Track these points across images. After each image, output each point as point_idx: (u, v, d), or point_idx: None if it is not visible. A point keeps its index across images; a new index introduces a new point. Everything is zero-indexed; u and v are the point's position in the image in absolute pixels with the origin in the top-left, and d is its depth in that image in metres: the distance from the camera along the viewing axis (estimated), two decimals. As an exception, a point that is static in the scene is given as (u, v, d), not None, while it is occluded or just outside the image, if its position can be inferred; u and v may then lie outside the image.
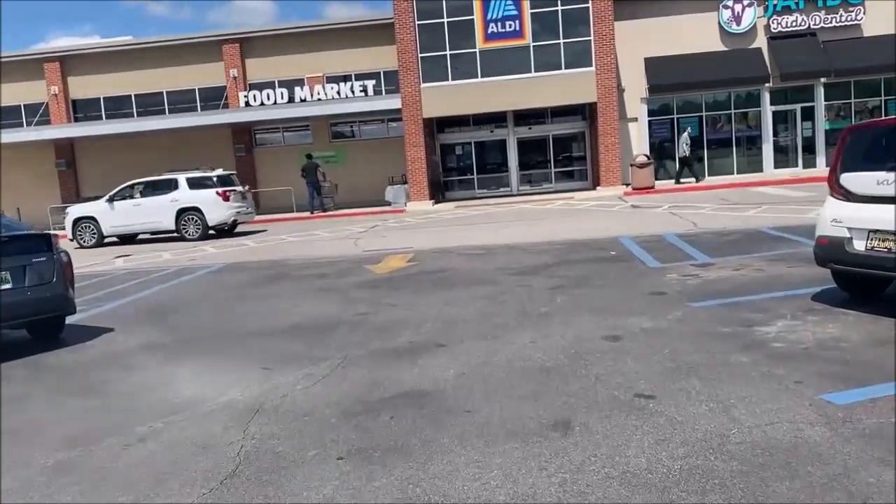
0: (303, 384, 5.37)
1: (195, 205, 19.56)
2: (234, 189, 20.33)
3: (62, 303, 7.46)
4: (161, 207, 19.67)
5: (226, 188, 19.92)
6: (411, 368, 5.57)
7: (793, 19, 24.98)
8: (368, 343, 6.50)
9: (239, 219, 20.72)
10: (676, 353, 5.45)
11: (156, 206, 19.73)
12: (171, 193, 19.78)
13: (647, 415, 4.23)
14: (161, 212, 19.69)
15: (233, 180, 20.84)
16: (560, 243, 12.61)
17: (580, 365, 5.31)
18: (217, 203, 19.59)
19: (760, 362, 5.09)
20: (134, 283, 12.11)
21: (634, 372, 5.04)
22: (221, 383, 5.60)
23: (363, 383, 5.27)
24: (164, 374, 6.04)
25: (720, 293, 7.52)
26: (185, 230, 19.72)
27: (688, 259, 9.90)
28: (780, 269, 8.62)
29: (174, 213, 19.68)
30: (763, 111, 25.74)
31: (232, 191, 20.10)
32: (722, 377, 4.82)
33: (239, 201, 20.31)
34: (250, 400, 5.09)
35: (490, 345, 6.10)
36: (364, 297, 8.87)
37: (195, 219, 19.61)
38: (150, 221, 19.97)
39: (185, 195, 19.68)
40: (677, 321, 6.44)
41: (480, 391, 4.88)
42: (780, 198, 18.14)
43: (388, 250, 13.68)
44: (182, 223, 19.72)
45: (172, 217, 19.70)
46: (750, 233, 12.09)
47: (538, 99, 24.80)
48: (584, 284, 8.65)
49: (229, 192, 19.92)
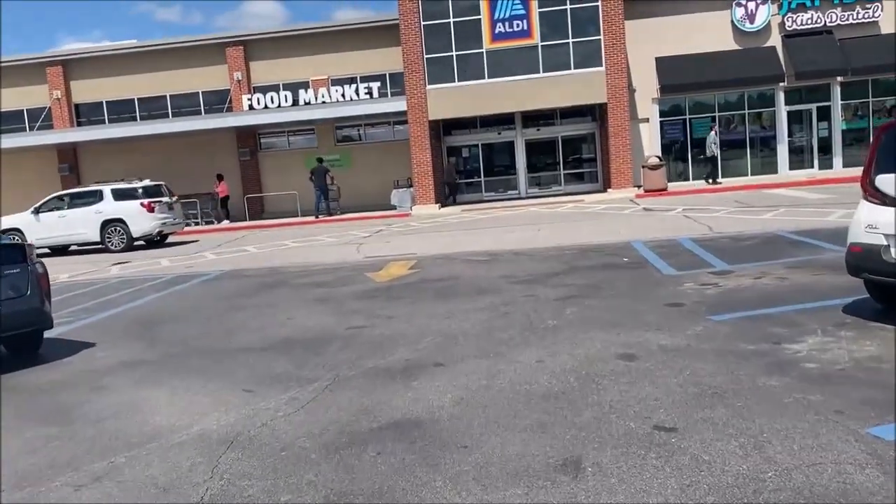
0: (285, 410, 4.88)
1: (119, 216, 19.56)
2: (160, 200, 20.22)
3: (38, 317, 7.00)
4: (86, 219, 19.59)
5: (152, 199, 19.87)
6: (405, 392, 5.07)
7: (808, 17, 24.35)
8: (361, 361, 6.00)
9: (165, 230, 20.58)
10: (698, 375, 4.93)
11: (81, 218, 19.64)
12: (96, 205, 19.77)
13: (668, 452, 3.71)
14: (86, 223, 19.61)
15: (162, 191, 20.79)
16: (569, 248, 12.09)
17: (591, 389, 4.79)
18: (141, 214, 19.56)
19: (792, 387, 4.56)
20: (127, 291, 11.67)
21: (653, 398, 4.51)
22: (198, 408, 5.11)
23: (351, 410, 4.77)
24: (139, 397, 5.56)
25: (742, 304, 6.98)
26: (109, 241, 19.65)
27: (705, 266, 9.35)
28: (805, 277, 8.07)
29: (98, 224, 19.62)
30: (777, 111, 25.09)
31: (157, 202, 20.03)
32: (751, 405, 4.29)
33: (165, 212, 20.30)
34: (225, 429, 4.60)
35: (492, 364, 5.59)
36: (361, 309, 8.37)
37: (119, 230, 19.60)
38: (75, 233, 19.88)
39: (109, 207, 19.67)
40: (697, 337, 5.91)
41: (480, 421, 4.37)
42: (797, 200, 17.54)
43: (391, 256, 13.19)
44: (107, 234, 19.66)
45: (97, 229, 19.65)
46: (768, 237, 11.53)
47: (547, 100, 24.26)
48: (595, 294, 8.12)
49: (154, 203, 19.87)
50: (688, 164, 25.66)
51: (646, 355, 5.50)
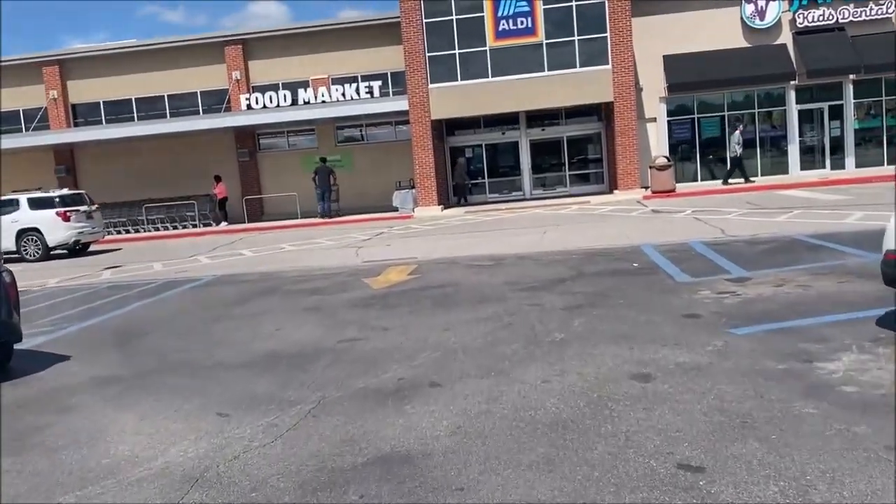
0: (261, 439, 4.36)
1: (35, 225, 19.48)
2: (77, 209, 20.00)
3: (4, 330, 6.50)
4: (2, 228, 19.31)
5: (68, 208, 19.68)
6: (396, 418, 4.55)
7: (819, 13, 23.74)
8: (350, 380, 5.48)
9: (82, 239, 20.35)
10: (724, 399, 4.40)
11: None
12: (12, 214, 19.65)
13: (697, 498, 3.18)
14: (2, 232, 19.36)
15: (81, 200, 20.58)
16: (576, 253, 11.55)
17: (604, 417, 4.26)
18: (57, 224, 19.40)
19: (832, 415, 4.03)
20: (114, 298, 11.19)
21: (675, 429, 3.98)
22: (166, 435, 4.61)
23: (334, 441, 4.25)
24: (106, 420, 5.06)
25: (764, 316, 6.44)
26: (24, 251, 19.51)
27: (720, 272, 8.81)
28: (829, 286, 7.52)
29: (14, 233, 19.45)
30: (788, 110, 24.47)
31: (74, 211, 19.82)
32: (787, 438, 3.76)
33: (82, 221, 20.07)
34: (192, 462, 4.08)
35: (493, 385, 5.07)
36: (355, 319, 7.86)
37: (35, 239, 19.53)
38: None
39: (25, 216, 19.63)
40: (718, 354, 5.38)
41: (478, 456, 3.85)
42: (810, 201, 16.97)
43: (390, 261, 12.68)
44: (22, 244, 19.52)
45: (12, 237, 19.46)
46: (785, 241, 10.98)
47: (552, 99, 23.69)
48: (604, 303, 7.59)
49: (70, 212, 19.66)
50: (696, 164, 25.07)
51: (663, 375, 4.98)
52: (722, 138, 24.75)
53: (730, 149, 23.49)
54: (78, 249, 20.43)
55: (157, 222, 26.77)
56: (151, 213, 26.79)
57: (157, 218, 26.78)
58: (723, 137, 24.72)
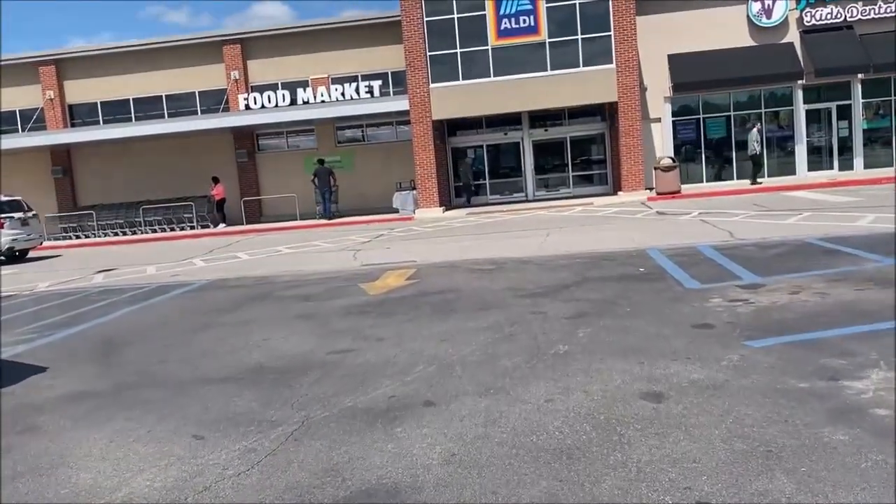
0: (236, 467, 3.98)
1: None
2: (11, 216, 19.76)
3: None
4: None
5: (2, 215, 19.47)
6: (385, 443, 4.16)
7: (827, 11, 23.32)
8: (338, 398, 5.10)
9: (17, 246, 20.10)
10: (744, 424, 4.00)
11: None
12: None
13: (720, 547, 2.79)
14: None
15: (18, 206, 20.35)
16: (580, 257, 11.16)
17: (613, 443, 3.87)
18: None
19: (866, 443, 3.64)
20: (103, 303, 10.83)
21: (692, 459, 3.59)
22: (134, 460, 4.22)
23: (316, 469, 3.87)
24: (72, 442, 4.68)
25: (781, 327, 6.05)
26: None
27: (731, 278, 8.41)
28: (848, 293, 7.12)
29: None
30: (796, 110, 24.06)
31: (9, 217, 19.59)
32: (818, 471, 3.37)
33: (17, 228, 19.87)
34: (159, 494, 3.70)
35: (492, 404, 4.68)
36: (348, 328, 7.47)
37: None
38: None
39: None
40: (735, 370, 4.98)
41: (473, 490, 3.46)
42: (819, 203, 16.56)
43: (389, 264, 12.29)
44: None
45: None
46: (797, 244, 10.58)
47: (555, 99, 23.30)
48: (610, 312, 7.19)
49: (5, 219, 19.44)
50: (701, 165, 24.66)
51: (676, 394, 4.58)
52: (728, 139, 24.37)
53: (749, 147, 23.06)
54: (16, 256, 20.24)
55: (155, 224, 26.42)
56: (149, 215, 26.44)
57: (155, 220, 26.43)
58: (728, 138, 24.37)
